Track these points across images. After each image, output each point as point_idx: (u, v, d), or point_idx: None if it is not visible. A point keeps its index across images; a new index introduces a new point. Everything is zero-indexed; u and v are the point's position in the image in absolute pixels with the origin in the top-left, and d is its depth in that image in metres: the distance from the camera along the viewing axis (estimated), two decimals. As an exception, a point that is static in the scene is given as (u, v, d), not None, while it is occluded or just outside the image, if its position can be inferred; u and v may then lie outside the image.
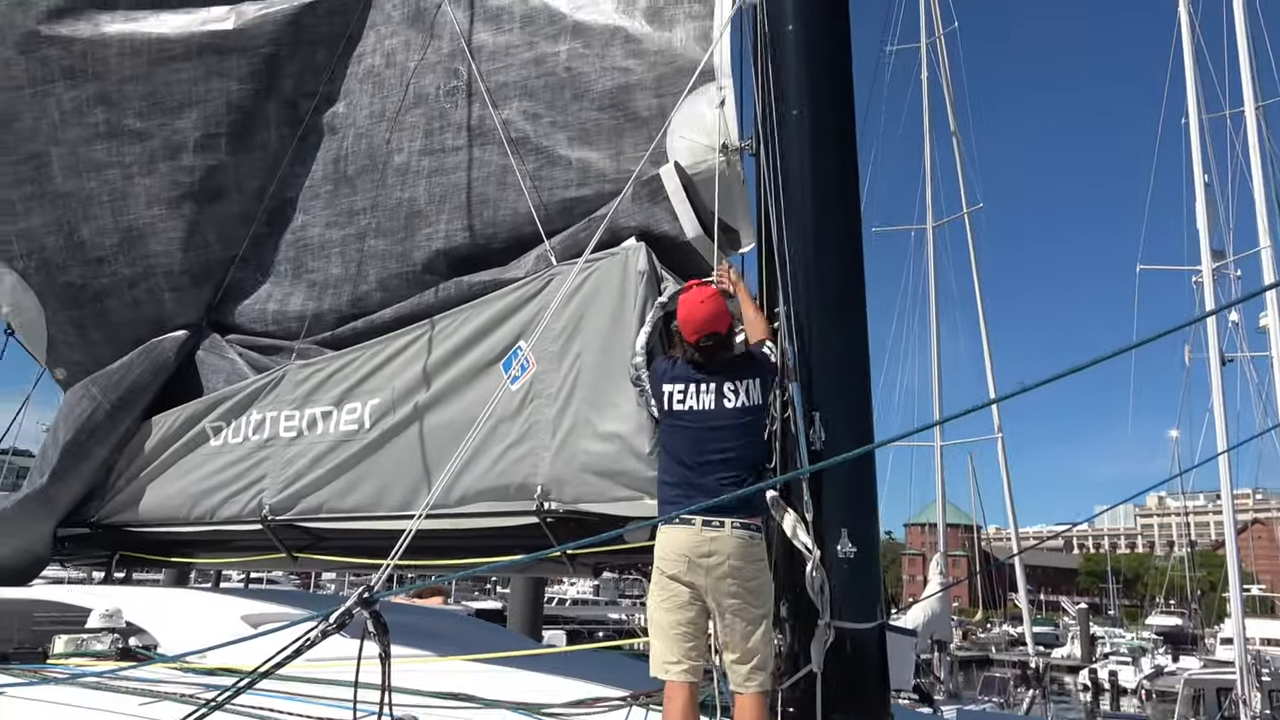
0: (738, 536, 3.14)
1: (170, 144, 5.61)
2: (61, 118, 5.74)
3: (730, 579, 3.13)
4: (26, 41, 5.77)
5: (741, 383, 3.34)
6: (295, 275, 5.43)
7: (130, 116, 5.65)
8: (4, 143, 5.87)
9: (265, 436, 5.13)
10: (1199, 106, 19.46)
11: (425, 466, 4.47)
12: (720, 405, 3.32)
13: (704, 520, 3.14)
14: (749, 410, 3.32)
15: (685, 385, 3.38)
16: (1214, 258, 18.94)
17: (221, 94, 5.52)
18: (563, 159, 4.55)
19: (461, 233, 4.83)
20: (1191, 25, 19.64)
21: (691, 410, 3.34)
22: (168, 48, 5.60)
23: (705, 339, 3.38)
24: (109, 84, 5.68)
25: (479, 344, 4.44)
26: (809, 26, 4.01)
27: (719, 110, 4.02)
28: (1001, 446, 22.23)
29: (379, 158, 5.19)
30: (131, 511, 5.68)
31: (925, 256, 26.29)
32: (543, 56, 4.71)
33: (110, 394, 5.58)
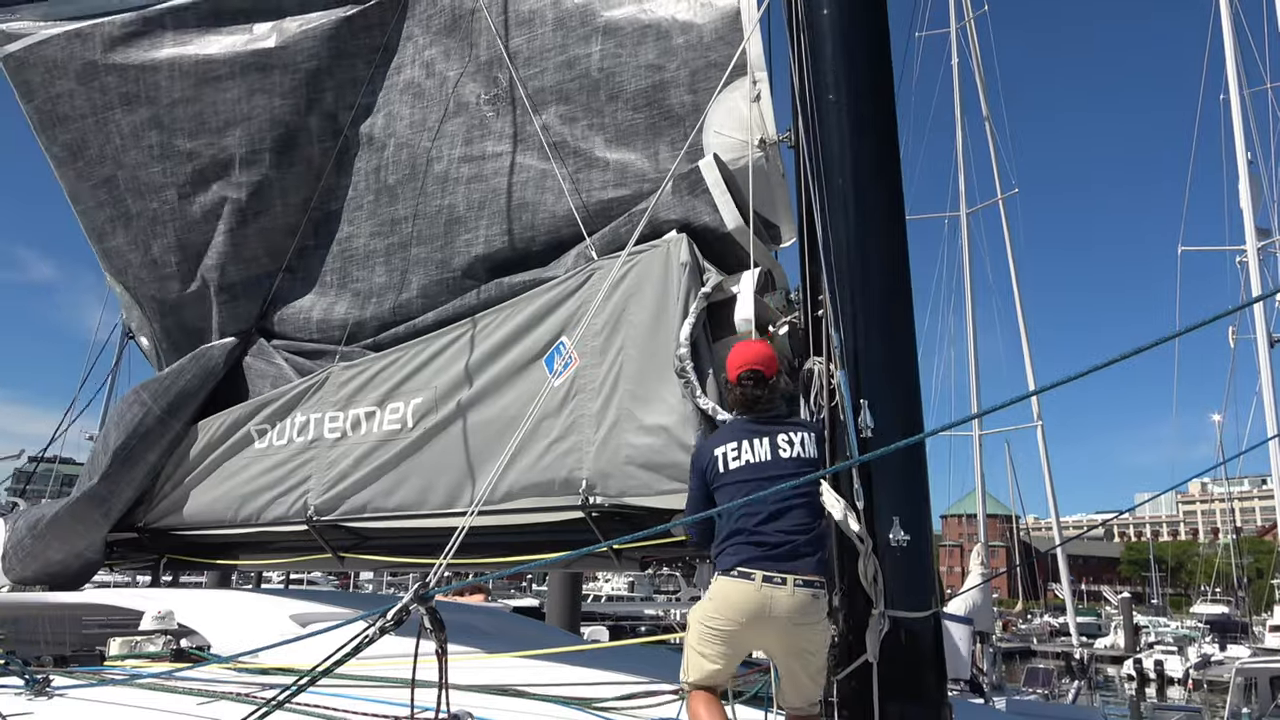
0: (800, 595, 2.99)
1: (218, 162, 5.74)
2: (121, 142, 5.94)
3: (786, 638, 3.02)
4: (85, 72, 5.97)
5: (796, 434, 3.26)
6: (340, 285, 5.50)
7: (181, 138, 5.81)
8: (81, 170, 6.10)
9: (310, 438, 5.17)
10: (1240, 81, 19.03)
11: (469, 464, 4.48)
12: (776, 456, 3.22)
13: (765, 576, 2.98)
14: (807, 461, 3.21)
15: (738, 442, 3.27)
16: (1259, 236, 18.52)
17: (265, 110, 5.63)
18: (600, 160, 4.55)
19: (501, 237, 4.85)
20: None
21: (748, 464, 3.22)
22: (213, 68, 5.74)
23: (746, 374, 3.31)
24: (160, 107, 5.85)
25: (521, 340, 4.44)
26: (845, 10, 3.96)
27: (755, 104, 3.98)
28: (1041, 435, 21.94)
29: (419, 166, 5.23)
30: (178, 515, 5.75)
31: (959, 244, 26.01)
32: (575, 59, 4.71)
33: (160, 400, 5.66)
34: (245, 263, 5.76)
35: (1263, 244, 18.83)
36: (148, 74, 5.85)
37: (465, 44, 5.17)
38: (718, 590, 3.07)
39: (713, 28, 4.25)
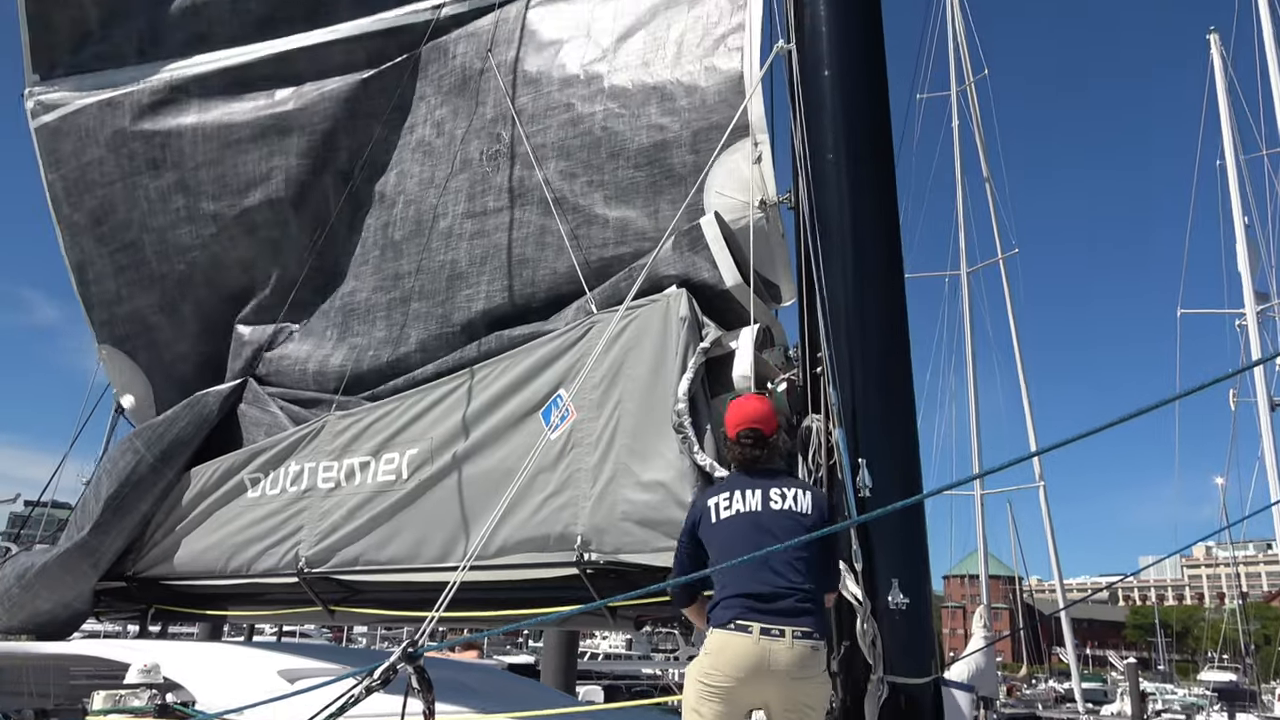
0: (799, 648, 2.94)
1: (241, 222, 5.87)
2: (149, 206, 6.07)
3: (785, 691, 2.96)
4: (115, 139, 6.14)
5: (789, 489, 3.23)
6: (340, 339, 5.52)
7: (205, 200, 5.94)
8: (102, 235, 6.22)
9: (303, 488, 5.12)
10: (1236, 148, 19.30)
11: (463, 517, 4.43)
12: (767, 506, 3.19)
13: (762, 629, 2.94)
14: (799, 515, 3.16)
15: (730, 493, 3.26)
16: (1257, 300, 18.60)
17: (283, 170, 5.75)
18: (600, 218, 4.58)
19: (501, 293, 4.86)
20: (1225, 67, 19.58)
21: (738, 513, 3.20)
22: (235, 131, 5.88)
23: (746, 433, 3.30)
24: (185, 171, 5.99)
25: (519, 393, 4.42)
26: (844, 72, 4.03)
27: (756, 165, 4.01)
28: (1044, 495, 21.77)
29: (425, 222, 5.28)
30: (168, 565, 5.67)
31: (960, 303, 26.12)
32: (580, 117, 4.77)
33: (154, 447, 5.62)
34: (262, 314, 5.85)
35: (1261, 308, 18.89)
36: (174, 139, 6.00)
37: (472, 102, 5.26)
38: (715, 644, 3.01)
39: (715, 90, 4.31)
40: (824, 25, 4.08)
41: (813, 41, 4.09)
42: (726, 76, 4.30)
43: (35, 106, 6.40)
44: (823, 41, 4.07)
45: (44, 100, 6.36)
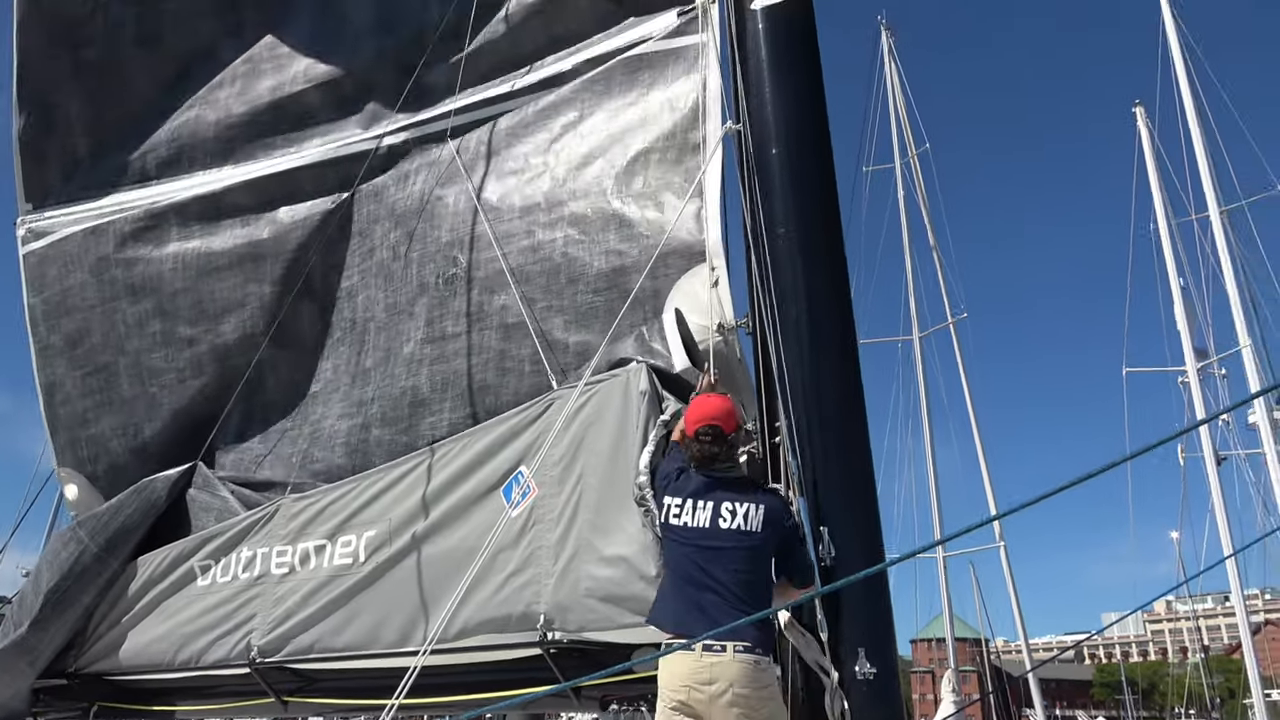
0: (741, 662, 3.00)
1: (215, 347, 5.88)
2: (125, 330, 6.09)
3: (735, 708, 2.98)
4: (99, 266, 6.19)
5: (741, 504, 3.24)
6: (302, 466, 5.45)
7: (182, 325, 5.96)
8: (76, 358, 6.21)
9: (256, 574, 4.97)
10: (1167, 213, 20.14)
11: (423, 599, 4.33)
12: (715, 524, 3.22)
13: (704, 645, 3.00)
14: (746, 535, 3.20)
15: (683, 500, 3.30)
16: (1197, 357, 19.20)
17: (257, 297, 5.78)
18: (560, 342, 4.61)
19: (465, 420, 4.83)
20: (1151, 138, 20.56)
21: (686, 527, 3.26)
22: (213, 259, 5.93)
23: (705, 429, 3.32)
24: (164, 296, 6.02)
25: (479, 470, 4.38)
26: (793, 149, 4.17)
27: (714, 289, 4.08)
28: (1005, 555, 21.85)
29: (394, 349, 5.27)
30: (113, 659, 5.43)
31: (914, 367, 26.52)
32: (539, 244, 4.84)
33: (98, 536, 5.43)
34: (226, 435, 5.81)
35: (1201, 365, 19.51)
36: (155, 266, 6.06)
37: (429, 225, 5.32)
38: (662, 667, 3.09)
39: (671, 218, 4.37)
40: (769, 106, 4.24)
41: (760, 121, 4.23)
42: (683, 204, 4.35)
43: (25, 234, 6.48)
44: (769, 123, 4.21)
45: (34, 228, 6.45)
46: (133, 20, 6.10)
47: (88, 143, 6.33)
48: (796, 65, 4.34)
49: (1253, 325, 18.41)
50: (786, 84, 4.30)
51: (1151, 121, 21.33)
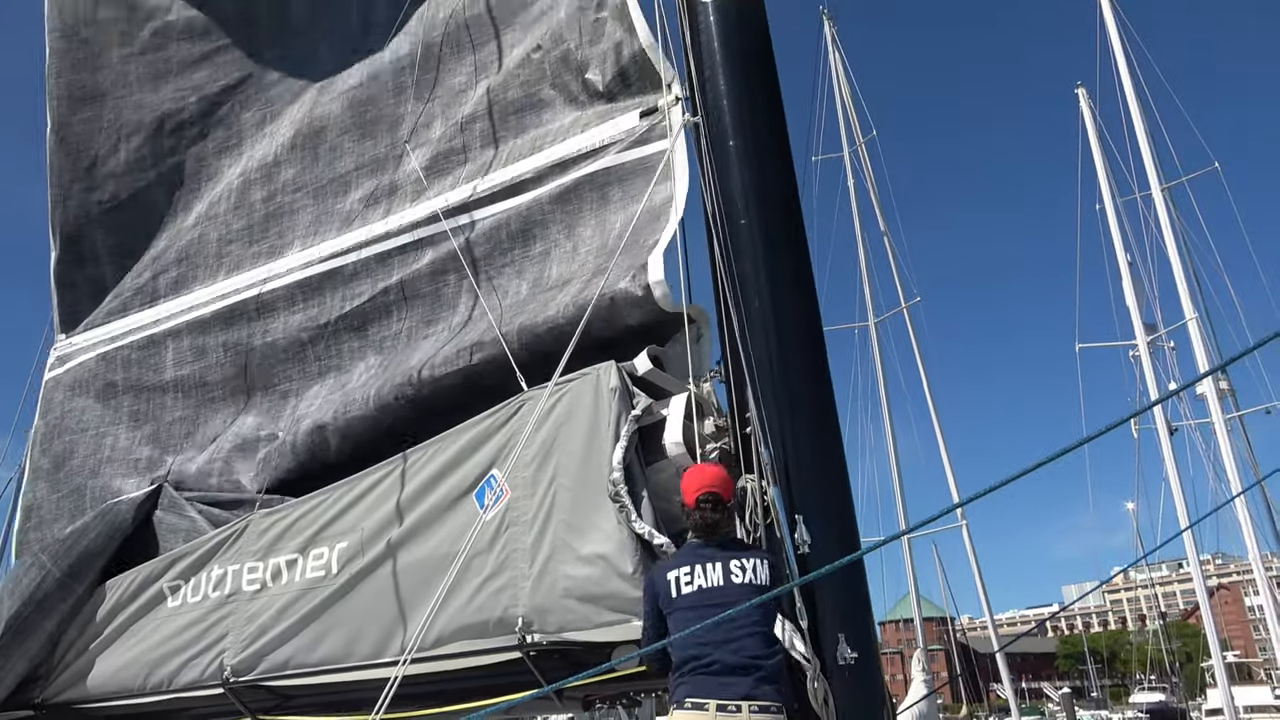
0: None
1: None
2: (110, 454, 6.11)
3: None
4: (105, 391, 6.26)
5: (749, 561, 3.27)
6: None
7: (171, 453, 5.94)
8: (57, 481, 6.24)
9: (227, 592, 4.88)
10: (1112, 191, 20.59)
11: (399, 609, 4.28)
12: (729, 581, 3.22)
13: (719, 705, 2.96)
14: (759, 589, 3.20)
15: (690, 567, 3.29)
16: (1146, 331, 19.69)
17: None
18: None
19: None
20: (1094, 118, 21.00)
21: (700, 589, 3.22)
22: (208, 390, 6.00)
23: (705, 497, 3.33)
24: (161, 425, 6.08)
25: (450, 475, 4.33)
26: (750, 139, 4.20)
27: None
28: (967, 534, 22.22)
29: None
30: (80, 687, 5.30)
31: (871, 352, 26.83)
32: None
33: (62, 561, 5.29)
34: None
35: (1151, 338, 20.02)
36: (156, 394, 6.11)
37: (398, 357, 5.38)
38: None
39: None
40: (725, 100, 4.26)
41: (717, 114, 4.26)
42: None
43: (54, 361, 6.57)
44: (725, 115, 4.23)
45: (61, 355, 6.55)
46: (150, 153, 6.29)
47: (113, 270, 6.45)
48: (750, 56, 4.37)
49: (1197, 298, 18.95)
50: (740, 76, 4.33)
51: (1093, 102, 21.82)
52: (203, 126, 6.18)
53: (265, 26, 6.04)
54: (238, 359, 5.84)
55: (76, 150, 6.39)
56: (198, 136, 6.23)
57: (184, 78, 6.21)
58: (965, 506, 22.71)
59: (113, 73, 6.35)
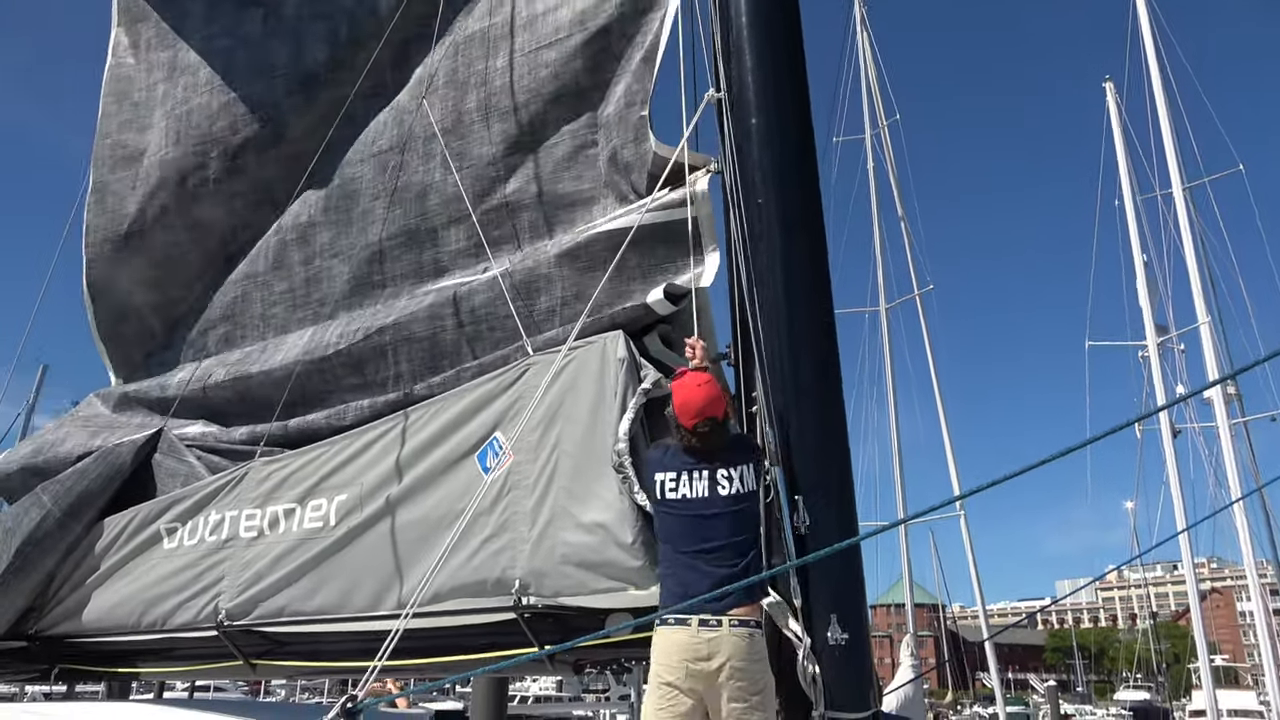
0: (736, 635, 3.04)
1: None
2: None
3: (732, 680, 3.01)
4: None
5: (735, 469, 3.29)
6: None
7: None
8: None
9: (224, 537, 4.93)
10: (1133, 189, 20.38)
11: (395, 564, 4.32)
12: (714, 493, 3.25)
13: (700, 620, 3.03)
14: (744, 497, 3.26)
15: (677, 473, 3.31)
16: (1158, 332, 19.57)
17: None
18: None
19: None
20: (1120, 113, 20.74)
21: (685, 499, 3.27)
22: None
23: (703, 424, 3.33)
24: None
25: (453, 435, 4.35)
26: (773, 118, 4.14)
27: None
28: (964, 524, 22.27)
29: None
30: (75, 621, 5.37)
31: (880, 337, 26.76)
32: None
33: (61, 501, 5.35)
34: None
35: (1161, 340, 19.91)
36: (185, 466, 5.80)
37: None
38: (658, 641, 3.10)
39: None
40: (750, 75, 4.20)
41: (741, 90, 4.20)
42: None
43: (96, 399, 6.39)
44: (750, 90, 4.17)
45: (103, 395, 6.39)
46: (175, 207, 6.13)
47: (159, 323, 6.34)
48: (778, 35, 4.30)
49: (1211, 302, 18.80)
50: (768, 54, 4.26)
51: (1120, 97, 21.54)
52: (229, 181, 5.99)
53: (282, 74, 5.82)
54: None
55: (113, 211, 6.31)
56: (225, 191, 6.02)
57: (207, 131, 6.03)
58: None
59: (154, 132, 6.27)
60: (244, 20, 6.10)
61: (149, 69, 6.45)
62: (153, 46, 6.48)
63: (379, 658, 2.96)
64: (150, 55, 6.47)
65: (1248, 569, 18.01)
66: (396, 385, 4.93)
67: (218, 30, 6.21)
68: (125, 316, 6.40)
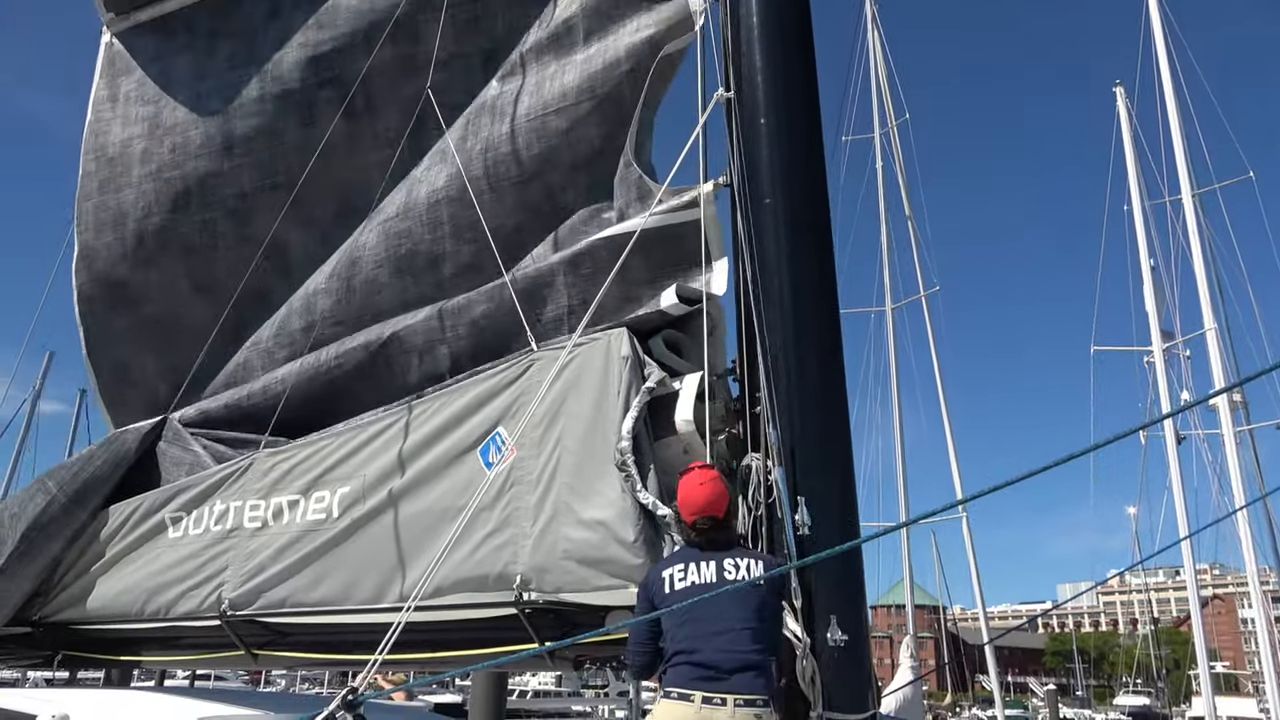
0: (740, 715, 2.96)
1: None
2: None
3: None
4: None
5: (742, 560, 3.26)
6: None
7: None
8: None
9: (228, 527, 4.95)
10: (1141, 194, 20.32)
11: (398, 557, 4.34)
12: (721, 578, 3.22)
13: (704, 697, 2.97)
14: (752, 586, 3.19)
15: (685, 565, 3.29)
16: (1163, 338, 19.53)
17: None
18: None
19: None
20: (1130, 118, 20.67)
21: (693, 585, 3.22)
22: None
23: (703, 520, 3.32)
24: None
25: (456, 429, 4.36)
26: (782, 119, 4.14)
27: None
28: (966, 526, 22.27)
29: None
30: (79, 608, 5.41)
31: (885, 338, 26.75)
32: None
33: (67, 488, 5.37)
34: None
35: (1167, 346, 19.87)
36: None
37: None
38: (659, 713, 3.04)
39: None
40: (759, 75, 4.20)
41: (750, 90, 4.20)
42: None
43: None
44: (759, 90, 4.17)
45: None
46: (184, 275, 6.03)
47: (165, 388, 6.17)
48: (789, 34, 4.30)
49: (1218, 308, 18.76)
50: (778, 53, 4.26)
51: (1131, 102, 21.45)
52: (236, 248, 5.85)
53: (290, 143, 5.70)
54: None
55: (104, 277, 6.16)
56: (230, 259, 5.87)
57: (207, 198, 5.91)
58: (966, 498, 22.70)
59: (134, 192, 6.09)
60: (238, 81, 5.95)
61: (124, 123, 6.30)
62: (131, 100, 6.34)
63: (380, 651, 2.97)
64: (128, 109, 6.32)
65: (1250, 576, 17.99)
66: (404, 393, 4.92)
67: (209, 89, 6.05)
68: (129, 381, 6.26)
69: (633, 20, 4.72)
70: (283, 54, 5.84)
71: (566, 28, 4.96)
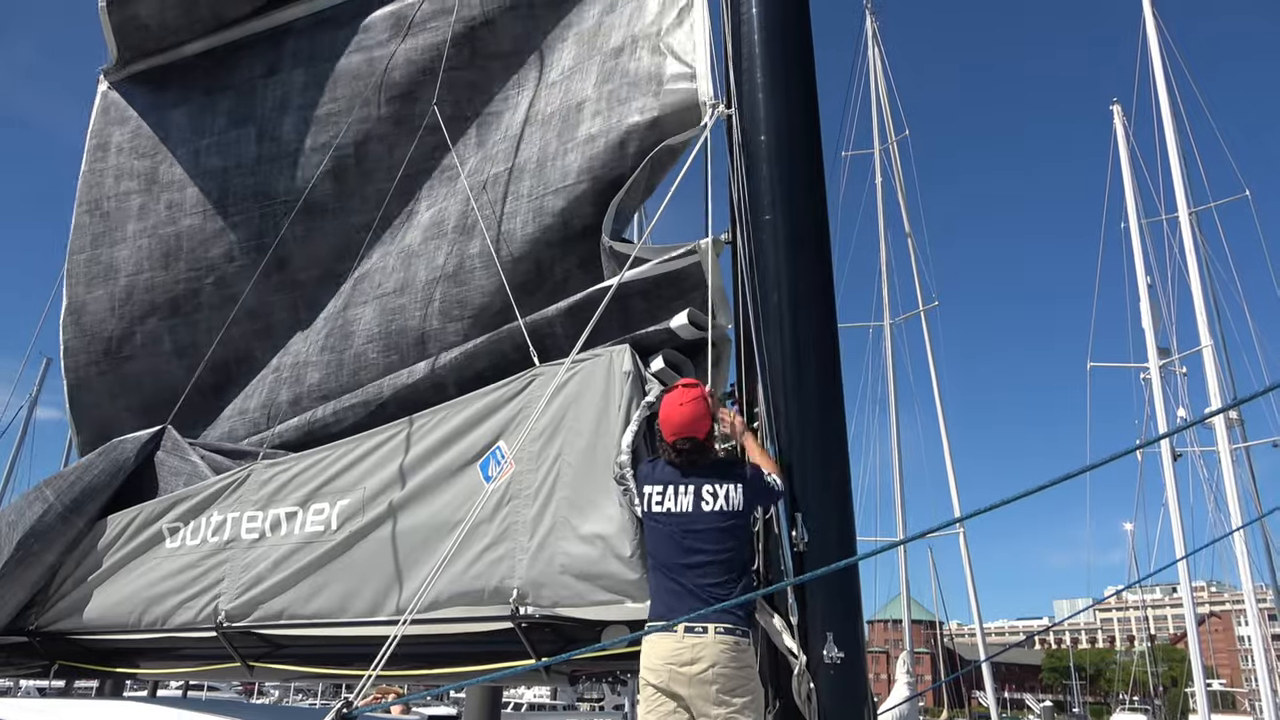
0: (721, 642, 3.07)
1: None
2: None
3: (713, 686, 3.04)
4: None
5: (721, 486, 3.30)
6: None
7: None
8: None
9: (225, 538, 4.95)
10: (1138, 212, 20.42)
11: (396, 569, 4.33)
12: (698, 508, 3.28)
13: (686, 627, 3.08)
14: (729, 515, 3.27)
15: (664, 487, 3.36)
16: (1160, 355, 19.58)
17: None
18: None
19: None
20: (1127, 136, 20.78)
21: (669, 513, 3.31)
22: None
23: (681, 441, 3.37)
24: None
25: (457, 443, 4.36)
26: (782, 136, 4.17)
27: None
28: (964, 542, 22.25)
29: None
30: (75, 618, 5.39)
31: (883, 352, 26.77)
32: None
33: (65, 496, 5.36)
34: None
35: (1163, 363, 19.92)
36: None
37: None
38: (646, 647, 3.16)
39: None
40: (761, 92, 4.23)
41: (750, 106, 4.23)
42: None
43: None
44: (760, 108, 4.21)
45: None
46: (167, 333, 6.02)
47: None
48: (790, 53, 4.34)
49: (1214, 325, 18.81)
50: (779, 71, 4.29)
51: (1128, 120, 21.58)
52: (224, 309, 5.78)
53: (282, 202, 5.66)
54: None
55: (93, 333, 6.14)
56: (219, 319, 5.80)
57: (196, 256, 5.86)
58: (962, 514, 22.69)
59: (127, 248, 6.06)
60: (237, 140, 5.95)
61: (117, 176, 6.27)
62: (124, 152, 6.31)
63: (375, 666, 2.97)
64: (120, 160, 6.30)
65: (1246, 594, 17.96)
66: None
67: (207, 146, 6.05)
68: (107, 440, 5.99)
69: (639, 101, 4.63)
70: (281, 114, 5.87)
71: (578, 106, 4.89)
